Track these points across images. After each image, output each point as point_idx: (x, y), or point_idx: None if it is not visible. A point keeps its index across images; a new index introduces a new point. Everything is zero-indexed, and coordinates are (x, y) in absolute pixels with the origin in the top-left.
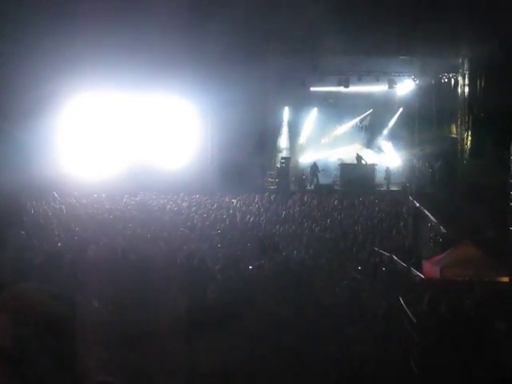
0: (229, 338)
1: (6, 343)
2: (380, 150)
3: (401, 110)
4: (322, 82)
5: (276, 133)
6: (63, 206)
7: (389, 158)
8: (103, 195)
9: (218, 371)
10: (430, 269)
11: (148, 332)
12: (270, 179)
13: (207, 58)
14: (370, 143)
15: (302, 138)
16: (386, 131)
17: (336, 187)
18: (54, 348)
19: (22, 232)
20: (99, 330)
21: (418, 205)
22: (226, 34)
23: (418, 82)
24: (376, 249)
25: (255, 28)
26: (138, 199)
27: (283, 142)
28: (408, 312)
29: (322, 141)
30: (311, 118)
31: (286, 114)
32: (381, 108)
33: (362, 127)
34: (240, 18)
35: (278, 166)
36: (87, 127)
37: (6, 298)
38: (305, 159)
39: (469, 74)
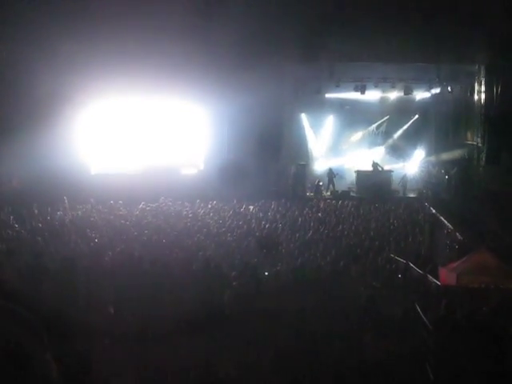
0: (244, 343)
1: None
2: (396, 156)
3: (416, 116)
4: (338, 88)
5: (292, 139)
6: (79, 213)
7: (405, 164)
8: (120, 201)
9: (232, 375)
10: (446, 276)
11: (164, 337)
12: (286, 185)
13: (223, 64)
14: (386, 150)
15: (318, 145)
16: (402, 138)
17: (352, 194)
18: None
19: (39, 238)
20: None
21: (434, 211)
22: (242, 41)
23: (434, 88)
24: (392, 255)
25: (271, 34)
26: (153, 205)
27: (300, 148)
28: (424, 319)
29: (338, 147)
30: (327, 124)
31: (302, 120)
32: (397, 114)
33: (378, 134)
34: (256, 25)
35: (294, 172)
36: (104, 134)
37: None
38: (321, 166)
39: (485, 81)
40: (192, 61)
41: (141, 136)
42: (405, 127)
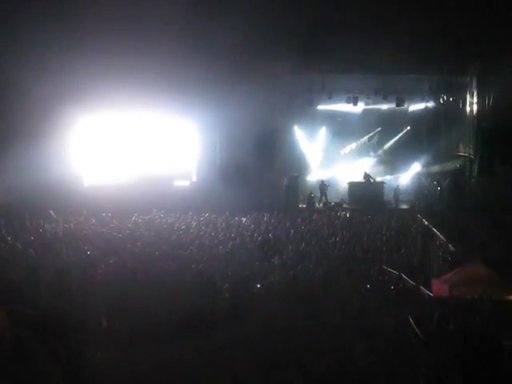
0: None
1: None
2: (388, 168)
3: (408, 128)
4: (330, 100)
5: (284, 151)
6: (72, 225)
7: (397, 176)
8: (112, 214)
9: None
10: (439, 287)
11: (157, 349)
12: (278, 197)
13: (215, 76)
14: (378, 161)
15: (311, 156)
16: (393, 149)
17: (345, 205)
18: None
19: (31, 250)
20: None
21: (426, 223)
22: (234, 53)
23: (426, 100)
24: (385, 267)
25: (263, 46)
26: (146, 218)
27: (292, 160)
28: (417, 330)
29: (331, 159)
30: (320, 136)
31: (294, 132)
32: (389, 126)
33: (370, 145)
34: (248, 37)
35: (287, 183)
36: (97, 146)
37: None
38: (313, 177)
39: (477, 93)
40: (184, 73)
41: (133, 149)
42: (396, 138)
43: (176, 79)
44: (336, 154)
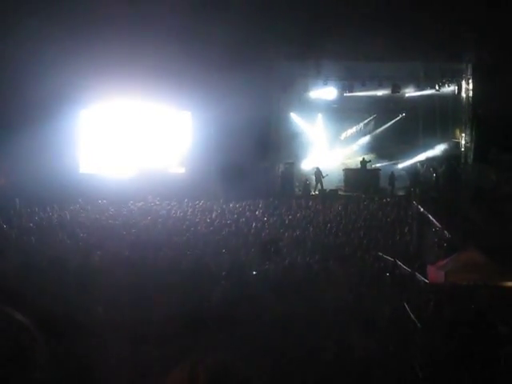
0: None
1: None
2: (384, 154)
3: (403, 114)
4: (325, 87)
5: (280, 138)
6: (67, 212)
7: (393, 162)
8: (105, 201)
9: (219, 372)
10: (435, 273)
11: (152, 336)
12: (274, 184)
13: (210, 63)
14: (373, 148)
15: (306, 143)
16: (389, 136)
17: (340, 192)
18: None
19: (27, 237)
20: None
21: (422, 209)
22: (229, 40)
23: (421, 86)
24: (380, 254)
25: (257, 34)
26: (141, 205)
27: (288, 147)
28: (412, 317)
29: (326, 145)
30: (315, 123)
31: (289, 119)
32: (385, 113)
33: (365, 132)
34: (243, 24)
35: (282, 170)
36: (92, 134)
37: None
38: (309, 164)
39: (472, 79)
40: (178, 60)
41: (129, 136)
42: (389, 123)
43: (170, 67)
44: (332, 141)
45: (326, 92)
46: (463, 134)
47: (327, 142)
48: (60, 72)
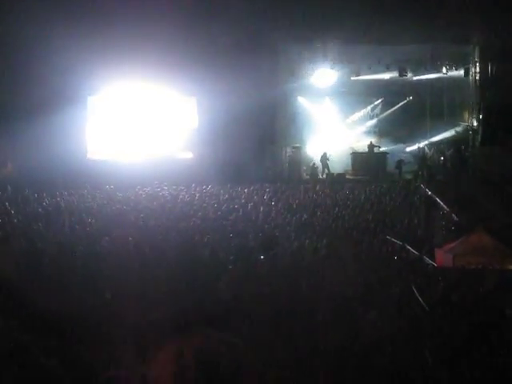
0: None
1: None
2: (391, 138)
3: (411, 97)
4: (332, 70)
5: (287, 122)
6: (75, 198)
7: (400, 146)
8: (112, 187)
9: (226, 362)
10: (443, 257)
11: (160, 323)
12: (281, 169)
13: (217, 47)
14: (381, 132)
15: (313, 128)
16: (395, 120)
17: (348, 176)
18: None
19: (35, 223)
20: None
21: (429, 193)
22: (235, 25)
23: (428, 69)
24: (388, 237)
25: (264, 18)
26: (149, 190)
27: (295, 131)
28: (420, 300)
29: (334, 129)
30: (323, 107)
31: (296, 103)
32: (392, 96)
33: (373, 115)
34: (249, 9)
35: (290, 155)
36: (100, 120)
37: None
38: (316, 148)
39: (480, 62)
40: (185, 46)
41: (136, 123)
42: (396, 107)
43: (177, 53)
44: (339, 125)
45: (333, 75)
46: (471, 118)
47: (334, 125)
48: (68, 59)
